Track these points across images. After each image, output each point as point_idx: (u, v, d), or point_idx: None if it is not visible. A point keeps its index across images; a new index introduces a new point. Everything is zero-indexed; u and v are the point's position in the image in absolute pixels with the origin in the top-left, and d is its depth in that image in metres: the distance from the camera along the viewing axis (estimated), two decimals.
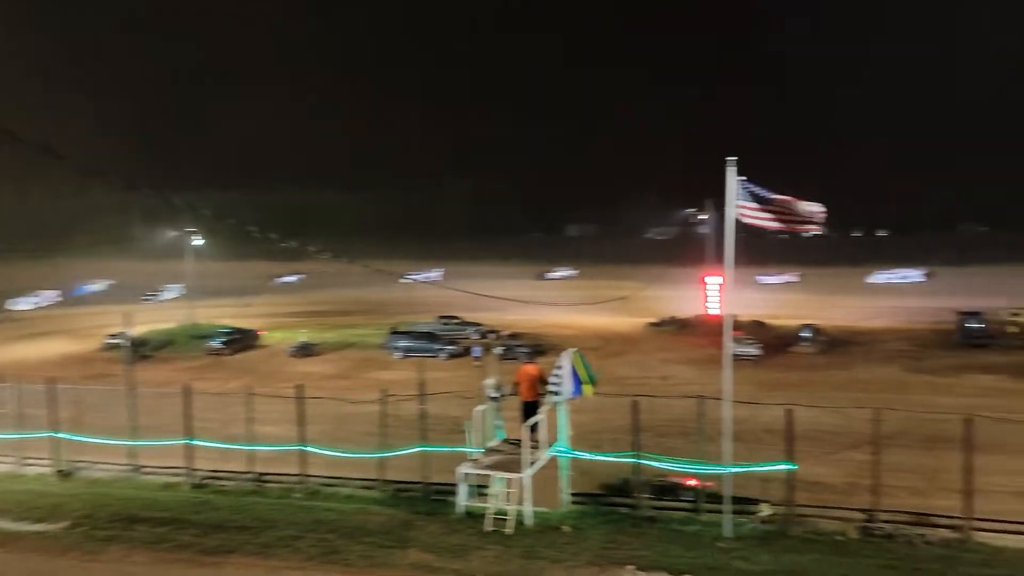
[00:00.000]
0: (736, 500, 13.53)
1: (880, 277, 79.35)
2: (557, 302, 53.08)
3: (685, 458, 15.44)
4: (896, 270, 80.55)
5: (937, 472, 15.67)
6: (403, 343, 45.52)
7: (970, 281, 68.80)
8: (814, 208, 12.78)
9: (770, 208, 12.82)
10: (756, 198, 12.88)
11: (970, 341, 42.13)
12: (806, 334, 44.16)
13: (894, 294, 69.64)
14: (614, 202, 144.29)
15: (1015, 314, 44.68)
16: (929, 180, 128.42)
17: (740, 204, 13.14)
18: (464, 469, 14.13)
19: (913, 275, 79.64)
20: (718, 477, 13.79)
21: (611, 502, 14.90)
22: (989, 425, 19.09)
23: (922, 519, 13.98)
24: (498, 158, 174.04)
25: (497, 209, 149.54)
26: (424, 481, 15.78)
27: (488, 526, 13.14)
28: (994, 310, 46.33)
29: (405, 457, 16.41)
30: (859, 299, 63.75)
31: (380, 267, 28.29)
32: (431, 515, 14.04)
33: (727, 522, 13.19)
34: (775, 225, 13.05)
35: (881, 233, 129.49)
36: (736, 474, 13.90)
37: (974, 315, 44.14)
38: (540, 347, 40.73)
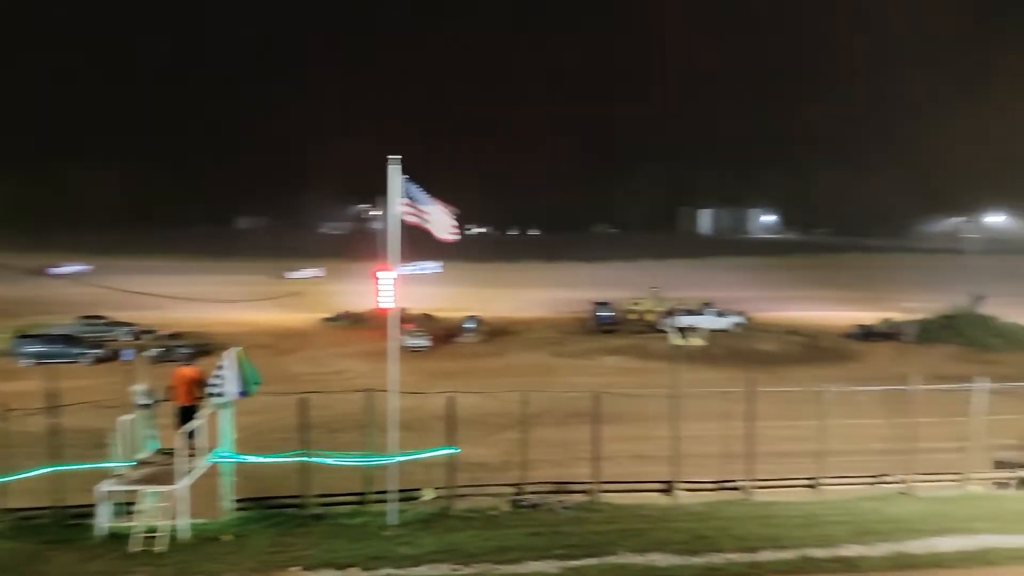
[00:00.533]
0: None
1: (405, 268, 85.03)
2: (222, 299, 49.91)
3: (357, 451, 15.60)
4: (416, 262, 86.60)
5: (574, 444, 17.80)
6: (34, 348, 39.28)
7: (601, 274, 79.36)
8: (453, 216, 13.85)
9: (427, 209, 13.54)
10: (416, 198, 13.51)
11: (602, 327, 48.65)
12: (469, 325, 47.22)
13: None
14: (287, 195, 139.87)
15: (635, 303, 52.53)
16: (574, 188, 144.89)
17: (404, 202, 13.68)
18: (106, 486, 12.70)
19: (431, 266, 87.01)
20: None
21: (277, 504, 14.53)
22: (614, 400, 22.22)
23: (561, 487, 15.88)
24: (156, 143, 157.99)
25: (155, 198, 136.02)
26: (57, 505, 13.85)
27: (135, 546, 11.99)
28: (620, 300, 53.98)
29: (33, 480, 14.24)
30: (514, 291, 69.84)
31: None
32: (66, 543, 12.39)
33: (391, 510, 13.65)
34: (429, 227, 13.84)
35: (533, 232, 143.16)
36: (403, 462, 14.45)
37: (604, 305, 51.02)
38: (206, 347, 38.01)
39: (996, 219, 59.91)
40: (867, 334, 44.30)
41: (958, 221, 62.30)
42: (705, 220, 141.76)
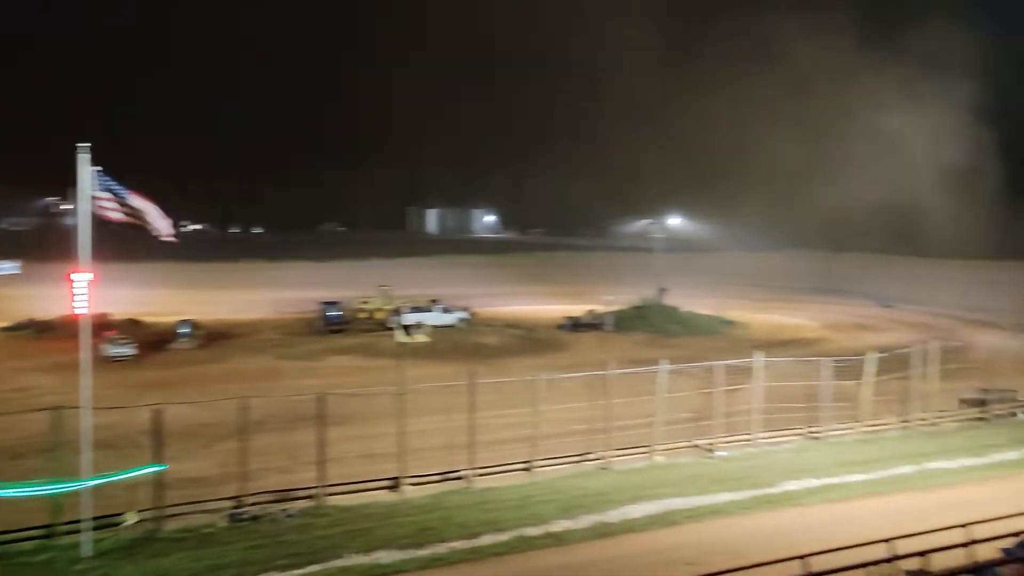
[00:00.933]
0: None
1: None
2: None
3: (43, 478, 13.72)
4: None
5: (300, 448, 17.34)
6: None
7: (331, 274, 77.77)
8: (163, 216, 12.87)
9: (126, 204, 12.37)
10: (111, 191, 12.28)
11: (330, 327, 47.71)
12: (184, 330, 43.62)
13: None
14: None
15: (364, 302, 52.24)
16: (300, 185, 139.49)
17: (97, 196, 12.36)
18: None
19: (6, 267, 78.11)
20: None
21: None
22: (342, 400, 21.97)
23: (285, 495, 15.38)
24: None
25: None
26: None
27: None
28: (350, 299, 53.29)
29: None
30: (236, 292, 65.77)
31: None
32: None
33: (86, 541, 12.24)
34: (145, 225, 12.71)
35: (258, 230, 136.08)
36: (100, 486, 13.02)
37: (333, 304, 50.08)
38: None
39: (675, 220, 69.19)
40: (575, 325, 48.49)
41: (646, 222, 70.82)
42: (432, 220, 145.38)
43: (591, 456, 18.41)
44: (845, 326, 50.22)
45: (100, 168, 12.28)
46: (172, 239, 12.97)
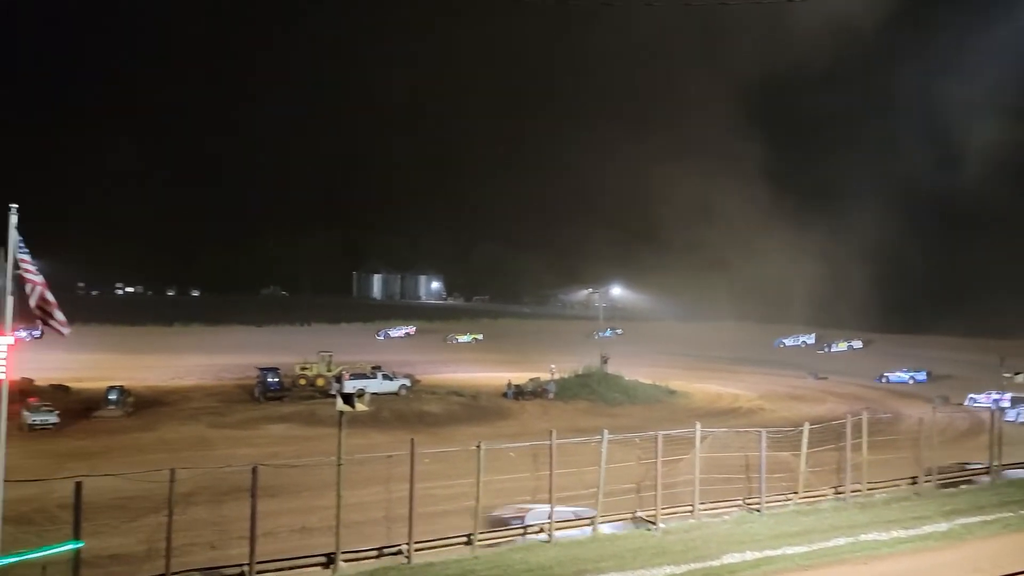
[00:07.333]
0: None
1: None
2: None
3: None
4: None
5: (231, 523, 16.69)
6: None
7: (271, 339, 76.29)
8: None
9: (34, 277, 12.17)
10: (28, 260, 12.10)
11: (268, 394, 46.53)
12: (113, 396, 42.00)
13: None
14: None
15: (304, 368, 51.21)
16: (239, 248, 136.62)
17: (23, 259, 12.10)
18: None
19: None
20: None
21: None
22: (278, 471, 21.33)
23: (212, 573, 14.69)
24: None
25: None
26: None
27: None
28: (290, 365, 52.14)
29: None
30: (170, 357, 63.81)
31: None
32: None
33: None
34: (40, 304, 12.43)
35: (195, 293, 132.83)
36: (11, 565, 12.26)
37: (272, 370, 48.93)
38: None
39: (618, 291, 70.83)
40: (517, 393, 48.40)
41: (588, 291, 72.21)
42: (377, 285, 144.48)
43: (533, 528, 18.18)
44: (780, 396, 51.30)
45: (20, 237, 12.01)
46: (65, 332, 12.76)
